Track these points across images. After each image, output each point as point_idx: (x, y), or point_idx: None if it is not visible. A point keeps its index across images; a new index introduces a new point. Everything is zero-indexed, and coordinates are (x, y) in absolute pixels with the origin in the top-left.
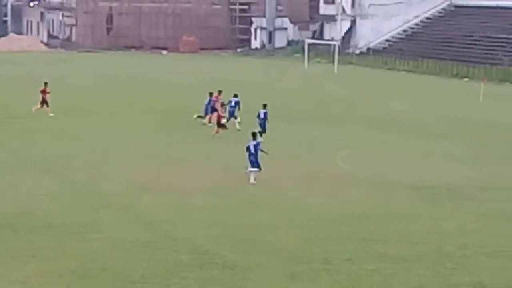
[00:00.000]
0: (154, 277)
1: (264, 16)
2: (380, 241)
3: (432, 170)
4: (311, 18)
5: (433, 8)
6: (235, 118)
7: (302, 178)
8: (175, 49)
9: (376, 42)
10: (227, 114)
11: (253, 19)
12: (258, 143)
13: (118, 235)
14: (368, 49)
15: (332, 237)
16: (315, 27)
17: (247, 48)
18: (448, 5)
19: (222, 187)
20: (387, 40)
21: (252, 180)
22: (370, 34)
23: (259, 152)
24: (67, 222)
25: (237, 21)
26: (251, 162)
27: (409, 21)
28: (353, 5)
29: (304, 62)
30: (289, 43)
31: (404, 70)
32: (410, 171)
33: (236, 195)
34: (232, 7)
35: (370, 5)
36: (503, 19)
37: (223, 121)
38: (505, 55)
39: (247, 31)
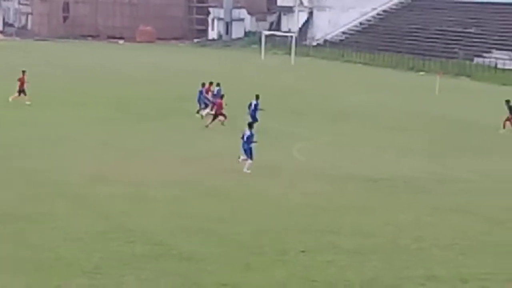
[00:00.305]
0: (108, 267)
1: (222, 7)
2: (335, 233)
3: (388, 163)
4: (268, 9)
5: (390, 1)
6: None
7: (259, 170)
8: (132, 39)
9: (333, 34)
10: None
11: (210, 9)
12: (252, 134)
13: (73, 225)
14: (325, 41)
15: (288, 229)
16: (272, 18)
17: (204, 38)
18: None
19: (180, 179)
20: (344, 33)
21: (246, 170)
22: (327, 26)
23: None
24: (22, 212)
25: (195, 12)
26: (244, 150)
27: (366, 13)
28: None
29: (261, 53)
30: (246, 34)
31: (361, 62)
32: (366, 164)
33: (194, 186)
34: None
35: None
36: (459, 12)
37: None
38: (461, 49)
39: (205, 22)
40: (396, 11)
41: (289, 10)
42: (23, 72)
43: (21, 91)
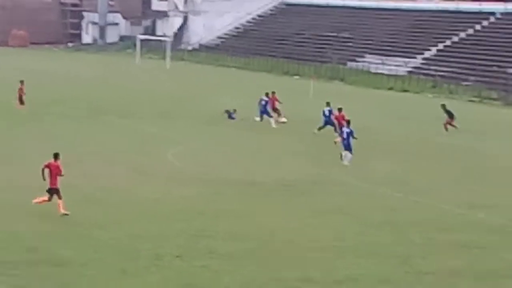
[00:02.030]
0: None
1: (96, 11)
2: (210, 237)
3: (264, 166)
4: (143, 13)
5: (265, 6)
6: (270, 116)
7: (133, 174)
8: (4, 43)
9: (208, 38)
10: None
11: (84, 13)
12: (351, 131)
13: None
14: (201, 45)
15: (163, 234)
16: (147, 22)
17: (78, 43)
18: (280, 3)
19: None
20: (219, 37)
21: (345, 162)
22: (202, 31)
23: (351, 139)
24: None
25: (69, 16)
26: (344, 146)
27: (241, 18)
28: (185, 1)
29: (136, 57)
30: (121, 38)
31: (235, 66)
32: (243, 167)
33: (68, 192)
34: (63, 1)
35: (202, 1)
36: (332, 17)
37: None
38: (334, 53)
39: (79, 26)
40: (270, 16)
41: (164, 14)
42: (21, 82)
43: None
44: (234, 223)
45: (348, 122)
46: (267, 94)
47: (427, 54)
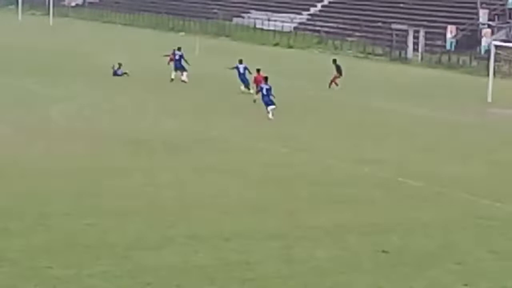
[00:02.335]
0: None
1: None
2: (96, 196)
3: (148, 124)
4: None
5: None
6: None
7: (15, 133)
8: None
9: None
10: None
11: None
12: (270, 87)
13: None
14: (84, 1)
15: (48, 192)
16: None
17: None
18: None
19: None
20: None
21: (270, 116)
22: None
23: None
24: None
25: None
26: (265, 102)
27: None
28: None
29: (18, 14)
30: None
31: (120, 23)
32: (127, 125)
33: None
34: None
35: None
36: None
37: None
38: (220, 9)
39: None
40: None
41: None
42: None
43: None
44: (119, 180)
45: (266, 78)
46: (179, 49)
47: (312, 10)
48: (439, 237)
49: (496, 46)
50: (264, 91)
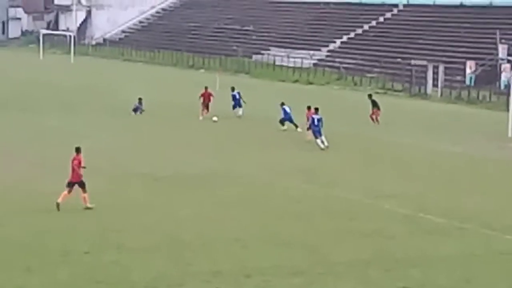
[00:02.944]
0: None
1: None
2: (118, 232)
3: (169, 160)
4: (45, 8)
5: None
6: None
7: (36, 168)
8: None
9: (113, 33)
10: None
11: None
12: (321, 118)
13: None
14: (104, 40)
15: (70, 229)
16: (50, 17)
17: None
18: None
19: None
20: (123, 31)
21: (322, 145)
22: (106, 25)
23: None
24: None
25: None
26: (315, 132)
27: (145, 11)
28: None
29: (39, 52)
30: (24, 33)
31: (141, 61)
32: (148, 161)
33: None
34: None
35: None
36: (237, 10)
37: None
38: (239, 47)
39: None
40: (174, 9)
41: (67, 8)
42: None
43: None
44: (141, 217)
45: (317, 109)
46: (233, 89)
47: (331, 46)
48: (461, 272)
49: None
50: (316, 122)
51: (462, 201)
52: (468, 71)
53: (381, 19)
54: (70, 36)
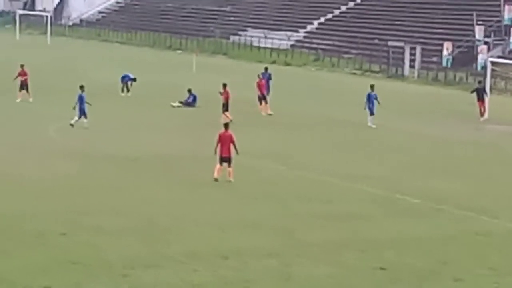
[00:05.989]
0: None
1: None
2: (94, 214)
3: (146, 142)
4: None
5: None
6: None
7: (12, 151)
8: None
9: (89, 13)
10: None
11: None
12: (375, 94)
13: None
14: (81, 20)
15: (45, 211)
16: None
17: None
18: None
19: None
20: (100, 12)
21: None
22: (82, 6)
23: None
24: None
25: None
26: (370, 109)
27: None
28: None
29: (15, 33)
30: (0, 14)
31: (118, 41)
32: (125, 143)
33: None
34: None
35: None
36: None
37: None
38: (217, 28)
39: None
40: None
41: None
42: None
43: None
44: (117, 199)
45: (372, 86)
46: (266, 69)
47: (309, 27)
48: (437, 254)
49: (492, 63)
50: (371, 99)
51: (438, 182)
52: (445, 52)
53: (358, 0)
54: (46, 16)
